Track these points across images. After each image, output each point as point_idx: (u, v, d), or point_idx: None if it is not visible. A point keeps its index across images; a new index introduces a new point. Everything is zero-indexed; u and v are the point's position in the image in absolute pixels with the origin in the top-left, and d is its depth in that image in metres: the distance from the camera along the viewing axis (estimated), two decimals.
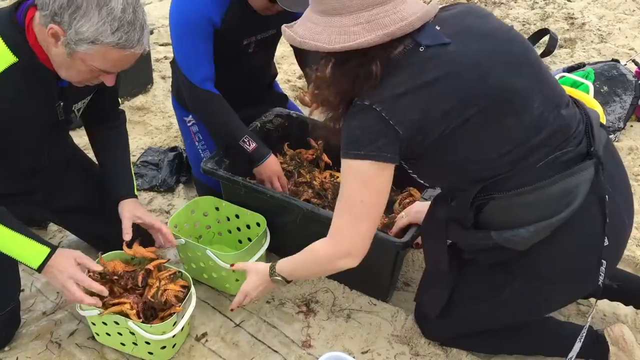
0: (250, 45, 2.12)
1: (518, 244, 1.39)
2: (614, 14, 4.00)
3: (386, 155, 1.32)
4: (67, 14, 1.35)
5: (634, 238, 2.16)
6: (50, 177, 1.86)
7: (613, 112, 2.78)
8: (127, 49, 1.41)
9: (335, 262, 1.48)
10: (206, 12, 1.95)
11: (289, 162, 2.21)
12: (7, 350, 1.81)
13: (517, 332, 1.70)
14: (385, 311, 1.91)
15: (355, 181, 1.37)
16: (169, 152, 2.68)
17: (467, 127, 1.31)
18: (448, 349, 1.76)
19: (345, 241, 1.43)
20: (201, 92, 2.04)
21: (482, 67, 1.32)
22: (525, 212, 1.37)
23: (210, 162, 2.06)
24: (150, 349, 1.71)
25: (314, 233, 1.91)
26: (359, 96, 1.33)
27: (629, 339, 1.62)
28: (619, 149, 2.66)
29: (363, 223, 1.40)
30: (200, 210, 2.11)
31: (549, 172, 1.35)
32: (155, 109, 3.22)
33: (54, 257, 1.57)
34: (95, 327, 1.75)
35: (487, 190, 1.38)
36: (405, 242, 1.74)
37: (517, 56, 1.38)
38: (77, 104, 1.73)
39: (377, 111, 1.29)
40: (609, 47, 3.57)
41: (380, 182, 1.37)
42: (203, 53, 2.01)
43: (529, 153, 1.35)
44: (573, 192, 1.35)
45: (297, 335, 1.84)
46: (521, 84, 1.34)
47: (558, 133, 1.37)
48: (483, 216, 1.42)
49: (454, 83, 1.30)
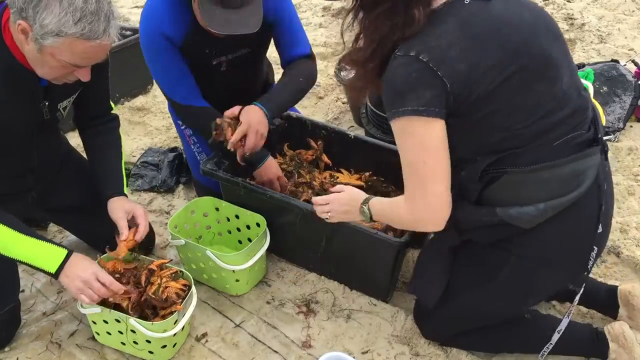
0: (222, 65, 2.06)
1: (524, 221, 1.39)
2: (614, 15, 4.00)
3: (434, 109, 1.27)
4: (30, 8, 1.35)
5: (634, 238, 2.16)
6: (43, 177, 1.86)
7: (613, 113, 2.78)
8: (93, 40, 1.39)
9: (416, 226, 1.45)
10: (158, 28, 1.90)
11: (288, 163, 2.21)
12: (7, 350, 1.81)
13: (515, 328, 1.69)
14: (385, 311, 1.91)
15: (411, 142, 1.33)
16: (169, 153, 2.69)
17: (506, 86, 1.30)
18: (448, 349, 1.76)
19: (420, 207, 1.37)
20: (188, 109, 2.04)
21: (525, 28, 1.33)
22: (536, 189, 1.37)
23: (210, 163, 2.06)
24: (151, 347, 1.71)
25: (314, 233, 1.93)
26: (401, 47, 1.30)
27: (629, 336, 1.63)
28: (618, 149, 2.66)
29: (435, 184, 1.34)
30: (200, 210, 2.11)
31: (564, 152, 1.36)
32: (155, 109, 3.22)
33: (72, 258, 1.60)
34: (95, 326, 1.75)
35: (501, 163, 1.37)
36: (405, 241, 1.74)
37: (555, 29, 1.41)
38: (63, 102, 1.72)
39: (424, 62, 1.26)
40: (608, 47, 3.57)
41: (435, 139, 1.31)
42: (176, 70, 1.97)
43: (550, 128, 1.35)
44: (583, 174, 1.37)
45: (297, 336, 1.84)
46: (556, 55, 1.36)
47: (577, 113, 1.39)
48: (489, 192, 1.41)
49: (499, 38, 1.29)
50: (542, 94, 1.34)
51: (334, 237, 1.91)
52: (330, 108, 3.19)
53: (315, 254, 2.00)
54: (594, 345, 1.65)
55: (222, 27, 1.78)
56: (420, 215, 1.39)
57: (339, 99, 3.24)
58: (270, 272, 2.09)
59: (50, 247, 1.59)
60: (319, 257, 2.00)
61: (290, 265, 2.11)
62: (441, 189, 1.35)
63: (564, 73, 1.37)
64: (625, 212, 2.29)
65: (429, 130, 1.30)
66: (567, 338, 1.65)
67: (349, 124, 3.00)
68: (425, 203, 1.37)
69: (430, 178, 1.34)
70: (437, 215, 1.38)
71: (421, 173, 1.34)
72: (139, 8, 4.86)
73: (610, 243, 2.11)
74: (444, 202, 1.37)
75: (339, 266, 1.99)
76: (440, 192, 1.35)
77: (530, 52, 1.32)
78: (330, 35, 4.00)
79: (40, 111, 1.65)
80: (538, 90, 1.33)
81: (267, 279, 2.06)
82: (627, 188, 2.43)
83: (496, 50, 1.29)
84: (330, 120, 3.06)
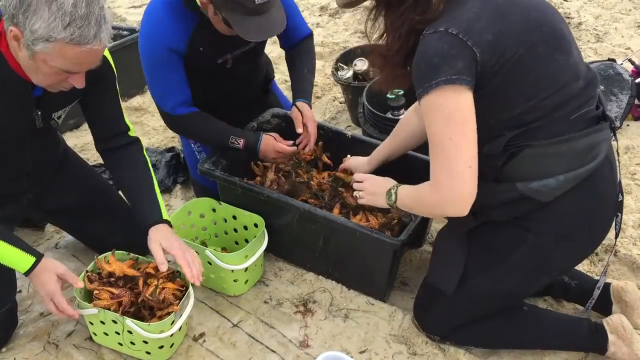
0: (227, 62, 2.08)
1: (545, 194, 1.42)
2: (610, 14, 4.01)
3: (465, 78, 1.31)
4: (20, 13, 1.33)
5: (630, 237, 2.17)
6: (38, 179, 1.86)
7: (609, 112, 2.78)
8: (83, 45, 1.36)
9: (442, 210, 1.45)
10: (166, 43, 1.91)
11: (286, 162, 2.21)
12: (4, 351, 1.81)
13: (515, 320, 1.70)
14: (383, 311, 1.91)
15: (439, 117, 1.35)
16: (166, 153, 2.68)
17: (531, 55, 1.35)
18: (445, 347, 1.77)
19: (445, 187, 1.37)
20: (175, 118, 2.06)
21: (539, 5, 1.42)
22: (555, 162, 1.41)
23: (207, 162, 2.06)
24: (148, 348, 1.71)
25: (311, 233, 1.93)
26: (429, 27, 1.36)
27: (628, 327, 1.64)
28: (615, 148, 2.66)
29: (458, 159, 1.34)
30: (196, 211, 2.11)
31: (579, 126, 1.42)
32: (153, 109, 3.22)
33: (38, 268, 1.60)
34: (92, 326, 1.75)
35: (522, 138, 1.41)
36: (403, 241, 1.74)
37: (555, 9, 1.47)
38: (57, 112, 1.71)
39: (454, 34, 1.31)
40: (605, 46, 3.57)
41: (464, 109, 1.34)
42: (173, 83, 1.99)
43: (568, 100, 1.40)
44: (597, 147, 1.43)
45: (295, 335, 1.84)
46: (565, 30, 1.44)
47: (590, 85, 1.45)
48: (510, 167, 1.44)
49: (520, 11, 1.37)
50: (561, 65, 1.40)
51: (332, 237, 1.91)
52: (327, 108, 3.19)
53: (313, 253, 2.00)
54: (593, 338, 1.66)
55: (258, 34, 1.81)
56: (445, 195, 1.39)
57: (336, 99, 3.24)
58: (268, 272, 2.09)
59: (19, 254, 1.59)
60: (317, 256, 2.00)
61: (287, 265, 2.11)
62: (467, 166, 1.35)
63: (573, 48, 1.44)
64: (623, 210, 2.29)
65: (459, 101, 1.33)
66: (565, 332, 1.66)
67: (346, 124, 3.00)
68: (450, 180, 1.36)
69: (455, 154, 1.35)
70: (462, 197, 1.37)
71: (447, 150, 1.35)
72: (136, 8, 4.85)
73: (607, 242, 2.11)
74: (470, 182, 1.36)
75: (336, 266, 1.99)
76: (465, 170, 1.35)
77: (548, 22, 1.39)
78: (328, 34, 4.00)
79: (33, 120, 1.64)
80: (558, 60, 1.39)
81: (264, 278, 2.06)
82: (625, 187, 2.43)
83: (519, 20, 1.36)
84: (327, 119, 3.06)
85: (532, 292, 1.67)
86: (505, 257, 1.54)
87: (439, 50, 1.32)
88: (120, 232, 1.97)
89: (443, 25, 1.33)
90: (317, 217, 1.85)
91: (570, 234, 1.50)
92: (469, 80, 1.32)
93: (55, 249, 2.21)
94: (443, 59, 1.32)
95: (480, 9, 1.35)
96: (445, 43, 1.32)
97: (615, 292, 1.76)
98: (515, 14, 1.36)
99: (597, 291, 1.61)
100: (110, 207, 2.03)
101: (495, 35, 1.33)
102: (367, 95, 2.58)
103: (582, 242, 1.55)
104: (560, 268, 1.63)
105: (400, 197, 1.60)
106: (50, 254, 2.18)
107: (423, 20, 1.36)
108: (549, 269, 1.58)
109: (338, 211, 1.98)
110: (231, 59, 2.09)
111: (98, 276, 1.74)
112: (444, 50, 1.32)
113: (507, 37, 1.33)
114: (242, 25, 1.78)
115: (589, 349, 1.70)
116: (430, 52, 1.34)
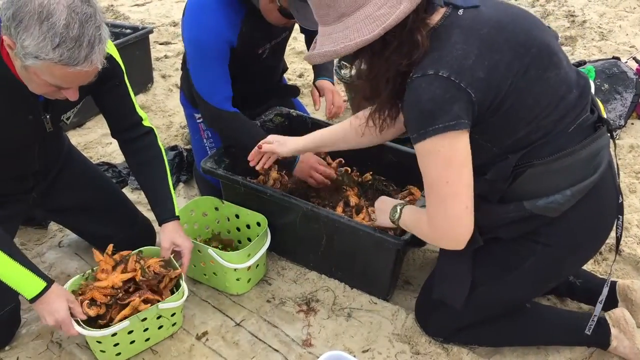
0: (265, 52, 2.13)
1: (553, 210, 1.42)
2: (615, 12, 4.00)
3: (463, 121, 1.29)
4: (12, 27, 1.30)
5: (635, 236, 2.16)
6: (43, 178, 1.86)
7: (614, 110, 2.78)
8: (71, 67, 1.32)
9: (438, 244, 1.49)
10: (224, 36, 1.96)
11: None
12: (7, 349, 1.81)
13: (519, 319, 1.69)
14: (386, 310, 1.90)
15: (436, 162, 1.33)
16: (170, 151, 2.68)
17: (526, 79, 1.33)
18: (449, 347, 1.76)
19: (441, 227, 1.40)
20: (220, 113, 2.06)
21: (522, 22, 1.37)
22: (559, 177, 1.40)
23: (210, 161, 2.06)
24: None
25: (314, 232, 1.93)
26: (416, 70, 1.32)
27: (630, 321, 1.64)
28: (619, 146, 2.65)
29: (454, 202, 1.35)
30: (199, 210, 2.11)
31: (578, 137, 1.40)
32: (156, 108, 3.22)
33: (48, 293, 1.57)
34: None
35: (526, 158, 1.39)
36: (406, 240, 1.73)
37: (540, 22, 1.45)
38: (66, 113, 1.71)
39: (445, 77, 1.27)
40: (609, 44, 3.56)
41: (461, 154, 1.33)
42: (221, 75, 2.03)
43: (566, 113, 1.39)
44: (599, 155, 1.42)
45: (298, 334, 1.84)
46: (552, 42, 1.41)
47: (583, 94, 1.43)
48: (515, 187, 1.43)
49: (505, 36, 1.32)
50: (554, 80, 1.37)
51: (335, 236, 1.90)
52: None
53: (316, 252, 2.00)
54: (595, 333, 1.65)
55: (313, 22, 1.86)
56: (441, 234, 1.42)
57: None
58: (271, 271, 2.09)
59: (29, 276, 1.56)
60: (320, 255, 2.00)
61: (290, 264, 2.11)
62: (462, 209, 1.35)
63: (562, 57, 1.42)
64: (627, 210, 2.29)
65: (455, 145, 1.31)
66: (568, 326, 1.66)
67: None
68: (446, 223, 1.38)
69: (452, 198, 1.35)
70: (458, 235, 1.40)
71: (443, 193, 1.35)
72: (139, 7, 4.86)
73: (610, 241, 2.11)
74: (466, 222, 1.37)
75: (339, 265, 1.99)
76: (462, 212, 1.36)
77: (535, 42, 1.36)
78: None
79: (42, 124, 1.64)
80: (550, 77, 1.37)
81: (267, 277, 2.06)
82: (629, 186, 2.42)
83: (508, 48, 1.32)
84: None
85: (537, 296, 1.67)
86: (514, 268, 1.54)
87: (432, 96, 1.28)
88: (124, 230, 1.97)
89: (431, 67, 1.28)
90: (320, 216, 1.85)
91: (578, 244, 1.50)
92: (466, 123, 1.30)
93: (59, 247, 2.21)
94: (437, 105, 1.28)
95: (466, 43, 1.30)
96: (437, 88, 1.28)
97: (621, 291, 1.75)
98: (502, 42, 1.31)
99: (598, 305, 1.58)
100: (114, 206, 2.03)
101: (486, 72, 1.29)
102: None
103: (589, 248, 1.56)
104: (568, 274, 1.64)
105: (404, 218, 1.60)
106: (54, 252, 2.18)
107: (410, 63, 1.32)
108: (557, 276, 1.59)
109: (341, 209, 1.98)
110: (269, 48, 2.13)
111: None
112: (437, 95, 1.28)
113: (498, 71, 1.30)
114: (302, 13, 1.81)
115: (592, 343, 1.69)
116: (423, 98, 1.29)
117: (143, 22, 4.45)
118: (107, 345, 1.68)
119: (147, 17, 4.62)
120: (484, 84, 1.29)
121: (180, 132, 2.98)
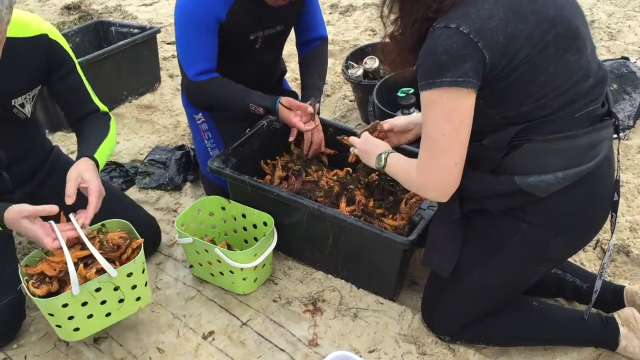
0: (257, 41, 2.14)
1: (542, 189, 1.42)
2: (624, 12, 3.97)
3: (471, 80, 1.30)
4: None
5: None
6: (21, 176, 1.87)
7: (623, 110, 2.76)
8: None
9: (422, 192, 1.53)
10: (212, 9, 1.98)
11: (295, 161, 2.21)
12: (15, 347, 1.82)
13: (525, 316, 1.69)
14: (392, 310, 1.90)
15: (438, 114, 1.35)
16: (177, 151, 2.69)
17: (543, 56, 1.33)
18: (455, 347, 1.76)
19: (430, 176, 1.43)
20: (196, 84, 2.10)
21: (557, 0, 1.38)
22: (555, 158, 1.41)
23: (217, 161, 2.06)
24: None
25: (321, 232, 1.93)
26: (440, 20, 1.34)
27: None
28: (628, 147, 2.63)
29: (445, 155, 1.38)
30: (206, 209, 2.11)
31: (583, 123, 1.40)
32: (163, 107, 3.23)
33: (5, 222, 1.58)
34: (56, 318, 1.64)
35: (526, 132, 1.40)
36: (413, 240, 1.73)
37: (578, 6, 1.45)
38: (17, 99, 1.71)
39: (465, 34, 1.29)
40: (618, 44, 3.54)
41: (463, 111, 1.34)
42: (203, 49, 2.05)
43: (576, 98, 1.39)
44: (598, 145, 1.42)
45: (304, 334, 1.84)
46: (582, 27, 1.41)
47: (599, 84, 1.43)
48: (509, 160, 1.44)
49: (535, 7, 1.33)
50: (572, 64, 1.37)
51: (341, 236, 1.90)
52: (337, 106, 3.18)
53: (322, 252, 1.99)
54: (604, 332, 1.64)
55: None
56: (427, 183, 1.45)
57: (346, 97, 3.23)
58: (277, 271, 2.09)
59: None
60: (326, 255, 2.00)
61: (297, 264, 2.11)
62: (453, 163, 1.39)
63: (588, 45, 1.42)
64: (635, 211, 2.28)
65: (459, 102, 1.33)
66: (576, 325, 1.64)
67: (356, 122, 2.99)
68: (435, 173, 1.42)
69: (445, 151, 1.38)
70: (443, 187, 1.44)
71: (438, 145, 1.38)
72: (146, 6, 4.88)
73: (619, 242, 2.10)
74: (454, 176, 1.41)
75: (346, 265, 1.99)
76: (451, 166, 1.39)
77: (564, 22, 1.36)
78: (338, 32, 4.00)
79: None
80: (569, 60, 1.37)
81: (273, 277, 2.06)
82: (637, 186, 2.41)
83: (534, 20, 1.33)
84: (337, 118, 3.06)
85: (530, 283, 1.65)
86: (503, 246, 1.55)
87: (447, 48, 1.30)
88: None
89: (455, 21, 1.31)
90: (326, 216, 1.85)
91: (563, 228, 1.50)
92: (474, 83, 1.31)
93: None
94: (451, 58, 1.30)
95: (494, 5, 1.31)
96: (454, 42, 1.30)
97: (629, 296, 1.74)
98: (531, 12, 1.32)
99: (598, 282, 1.61)
100: (109, 209, 2.00)
101: (506, 37, 1.30)
102: (377, 94, 2.57)
103: (575, 236, 1.55)
104: (555, 259, 1.62)
105: (390, 164, 1.63)
106: None
107: (438, 8, 1.34)
108: (543, 258, 1.58)
109: (345, 205, 1.97)
110: (262, 38, 2.14)
111: None
112: (452, 49, 1.30)
113: (519, 39, 1.31)
114: None
115: (600, 342, 1.67)
116: (439, 49, 1.32)
117: (151, 22, 4.47)
118: (60, 319, 1.62)
119: (154, 17, 4.64)
120: (501, 48, 1.30)
121: (187, 131, 2.98)
